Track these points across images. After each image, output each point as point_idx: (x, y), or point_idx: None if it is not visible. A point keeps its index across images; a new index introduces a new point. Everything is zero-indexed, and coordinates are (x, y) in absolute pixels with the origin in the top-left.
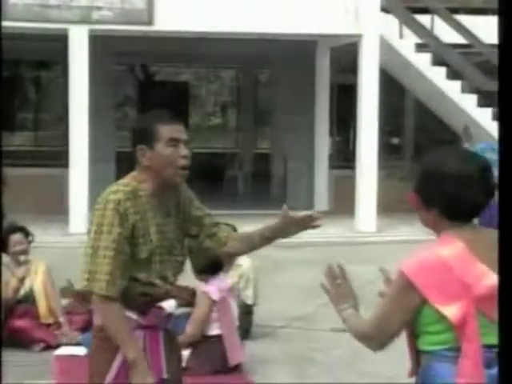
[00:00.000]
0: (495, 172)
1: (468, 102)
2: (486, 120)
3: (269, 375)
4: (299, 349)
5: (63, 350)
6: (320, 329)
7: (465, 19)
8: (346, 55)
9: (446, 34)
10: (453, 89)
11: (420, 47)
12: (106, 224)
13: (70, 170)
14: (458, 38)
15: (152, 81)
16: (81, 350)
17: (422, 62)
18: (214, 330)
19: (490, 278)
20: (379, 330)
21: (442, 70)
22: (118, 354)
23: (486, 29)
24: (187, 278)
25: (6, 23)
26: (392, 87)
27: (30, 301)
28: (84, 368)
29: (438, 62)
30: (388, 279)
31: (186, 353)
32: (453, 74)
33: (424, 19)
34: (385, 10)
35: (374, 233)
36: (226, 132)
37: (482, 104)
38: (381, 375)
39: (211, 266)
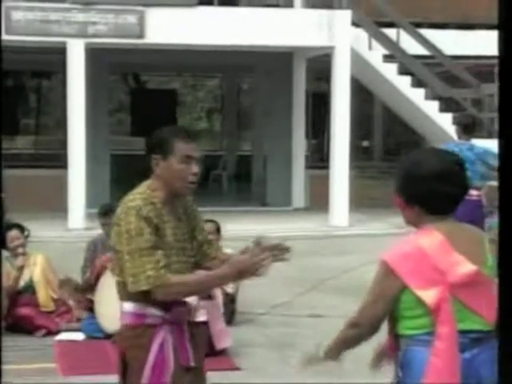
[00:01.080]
0: None
1: (430, 108)
2: (447, 124)
3: (252, 358)
4: (279, 333)
5: (63, 336)
6: (297, 315)
7: (427, 33)
8: (320, 65)
9: (411, 46)
10: (417, 96)
11: (387, 58)
12: (134, 228)
13: (68, 170)
14: (421, 50)
15: (143, 89)
16: (79, 336)
17: (389, 71)
18: (201, 317)
19: (465, 267)
20: (366, 316)
21: (407, 79)
22: (153, 345)
23: (446, 42)
24: None
25: (10, 37)
26: (362, 94)
27: (30, 291)
28: (82, 352)
29: (403, 71)
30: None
31: None
32: (417, 83)
33: (391, 33)
34: (355, 24)
35: (346, 227)
36: (211, 135)
37: (443, 109)
38: (358, 357)
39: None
